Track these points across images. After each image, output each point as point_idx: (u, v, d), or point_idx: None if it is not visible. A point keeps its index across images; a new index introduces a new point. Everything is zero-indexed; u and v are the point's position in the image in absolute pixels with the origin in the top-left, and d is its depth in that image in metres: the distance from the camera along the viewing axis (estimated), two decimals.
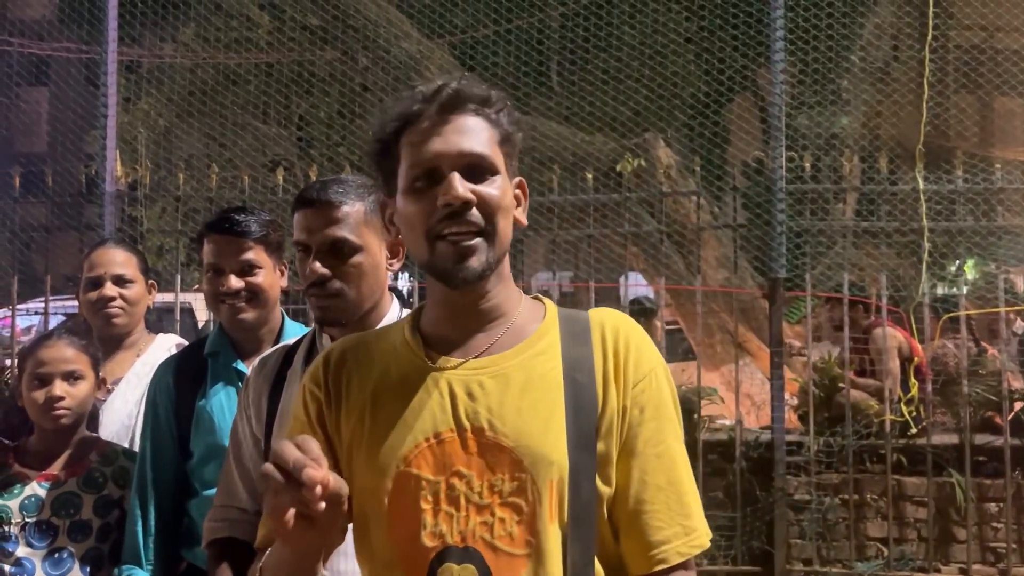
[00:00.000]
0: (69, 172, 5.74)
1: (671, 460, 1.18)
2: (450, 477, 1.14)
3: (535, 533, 1.12)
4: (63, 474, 2.07)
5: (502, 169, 1.20)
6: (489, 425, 1.15)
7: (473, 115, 1.19)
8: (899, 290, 5.34)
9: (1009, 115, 7.47)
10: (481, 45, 6.79)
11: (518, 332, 1.22)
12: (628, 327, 1.23)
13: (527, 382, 1.17)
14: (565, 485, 1.13)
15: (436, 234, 1.15)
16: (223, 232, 2.03)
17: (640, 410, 1.18)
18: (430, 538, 1.13)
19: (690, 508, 1.18)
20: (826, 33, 5.71)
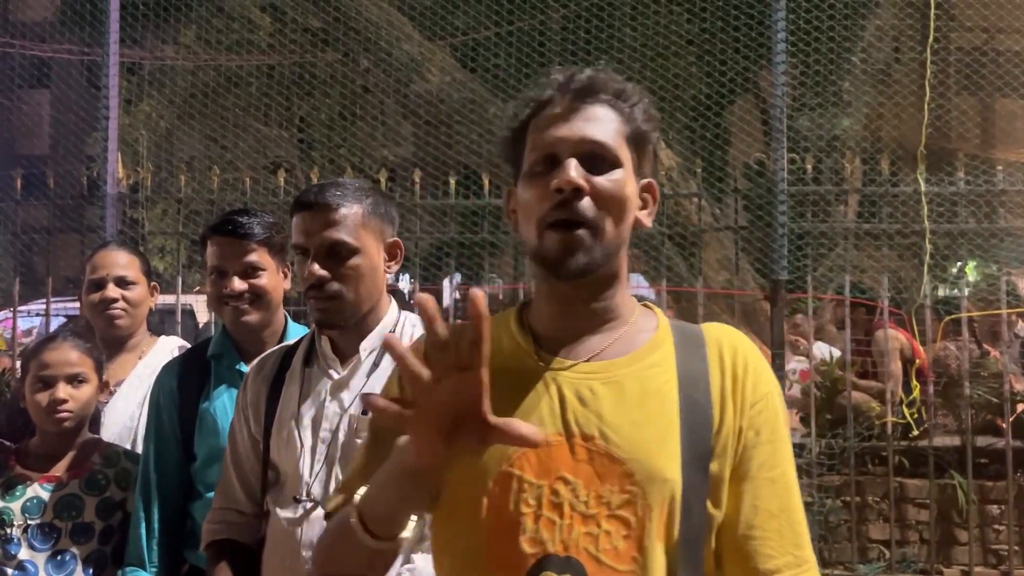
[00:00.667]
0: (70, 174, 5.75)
1: (785, 486, 1.14)
2: (554, 482, 1.09)
3: (642, 550, 1.07)
4: (65, 476, 2.07)
5: (626, 164, 1.14)
6: (600, 433, 1.10)
7: (604, 106, 1.14)
8: (901, 292, 5.33)
9: (1011, 117, 7.47)
10: (482, 47, 6.79)
11: (631, 340, 1.17)
12: (746, 346, 1.18)
13: (642, 394, 1.12)
14: (677, 505, 1.09)
15: (547, 222, 1.11)
16: (226, 234, 2.04)
17: (756, 432, 1.13)
18: (530, 543, 1.08)
19: (803, 538, 1.13)
20: (827, 35, 5.71)
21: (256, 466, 1.79)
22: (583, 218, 1.10)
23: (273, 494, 1.75)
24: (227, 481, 1.83)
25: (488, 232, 5.21)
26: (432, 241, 5.56)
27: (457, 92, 7.14)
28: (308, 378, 1.78)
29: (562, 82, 1.15)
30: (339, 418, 1.71)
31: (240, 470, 1.82)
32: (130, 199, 5.42)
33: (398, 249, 1.81)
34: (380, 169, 5.79)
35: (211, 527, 1.82)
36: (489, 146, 6.35)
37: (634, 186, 1.16)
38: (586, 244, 1.11)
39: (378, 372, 1.74)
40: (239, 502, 1.81)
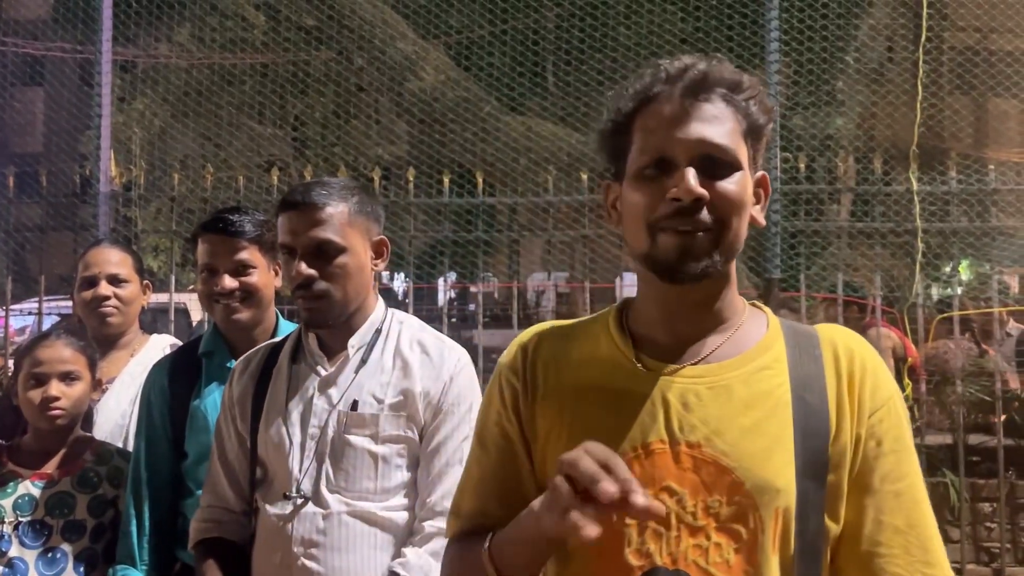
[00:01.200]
0: (63, 172, 5.73)
1: (912, 500, 1.06)
2: (659, 492, 1.04)
3: (755, 564, 1.02)
4: (57, 474, 2.07)
5: (745, 164, 1.08)
6: (707, 440, 1.04)
7: (720, 101, 1.07)
8: (893, 291, 5.35)
9: (1003, 116, 7.50)
10: (477, 46, 6.79)
11: (739, 342, 1.11)
12: (864, 349, 1.11)
13: (751, 398, 1.06)
14: (792, 516, 1.02)
15: (660, 227, 1.05)
16: (217, 232, 2.04)
17: (877, 442, 1.06)
18: (635, 556, 1.04)
19: (934, 555, 1.05)
20: (820, 34, 5.72)
21: (244, 463, 1.80)
22: (703, 227, 1.05)
23: (262, 491, 1.75)
24: (214, 479, 1.84)
25: (482, 231, 5.22)
26: (426, 240, 5.56)
27: (451, 91, 7.14)
28: (295, 375, 1.78)
29: (673, 75, 1.07)
30: (327, 414, 1.72)
31: (228, 468, 1.82)
32: (123, 197, 5.41)
33: (384, 247, 1.82)
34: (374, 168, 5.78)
35: (199, 526, 1.83)
36: (483, 144, 6.36)
37: (751, 184, 1.10)
38: (706, 248, 1.05)
39: (366, 368, 1.75)
40: (227, 500, 1.81)
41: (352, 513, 1.67)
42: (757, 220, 1.13)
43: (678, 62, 1.08)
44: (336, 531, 1.65)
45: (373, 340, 1.78)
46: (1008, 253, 5.23)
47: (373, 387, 1.72)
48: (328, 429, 1.71)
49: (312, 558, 1.65)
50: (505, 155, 6.27)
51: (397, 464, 1.70)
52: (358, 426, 1.70)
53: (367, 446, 1.69)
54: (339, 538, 1.65)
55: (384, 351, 1.77)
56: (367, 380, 1.73)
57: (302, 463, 1.70)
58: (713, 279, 1.09)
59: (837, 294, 4.83)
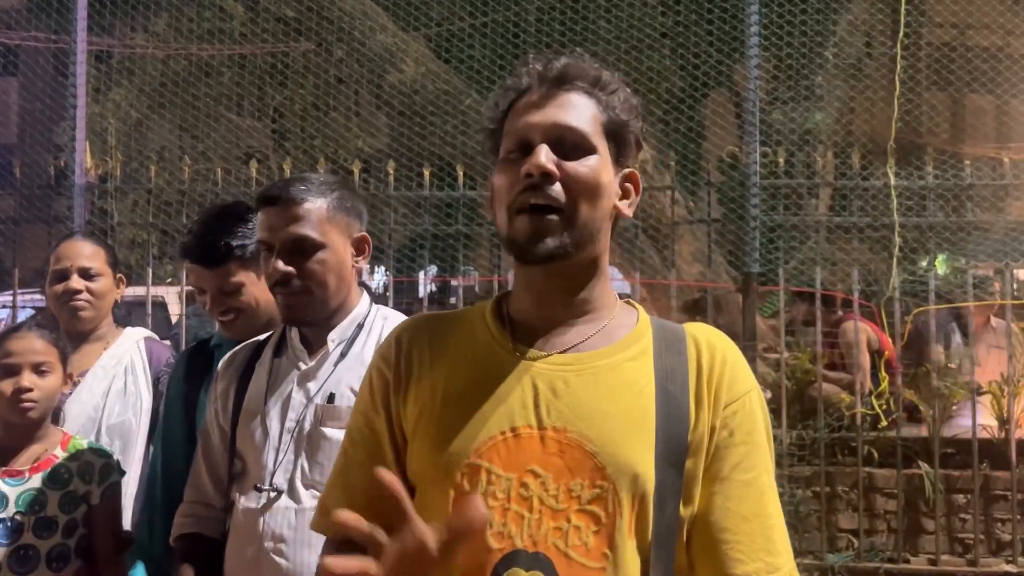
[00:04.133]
0: (38, 163, 5.65)
1: (759, 490, 1.10)
2: (524, 475, 1.06)
3: (613, 547, 1.04)
4: (28, 470, 2.04)
5: (602, 152, 1.12)
6: (572, 425, 1.07)
7: (580, 93, 1.13)
8: (870, 284, 5.40)
9: (979, 112, 7.57)
10: (457, 38, 6.76)
11: (610, 333, 1.14)
12: (724, 345, 1.16)
13: (617, 386, 1.10)
14: (649, 501, 1.06)
15: (517, 207, 1.10)
16: (197, 261, 2.02)
17: (730, 433, 1.10)
18: (497, 539, 1.05)
19: (775, 544, 1.09)
20: (800, 29, 5.75)
21: (225, 458, 1.78)
22: (554, 202, 1.09)
23: (238, 483, 1.74)
24: (197, 474, 1.82)
25: (463, 224, 5.20)
26: (407, 233, 5.54)
27: (432, 83, 7.11)
28: (276, 369, 1.77)
29: (539, 70, 1.14)
30: (304, 407, 1.71)
31: (210, 462, 1.81)
32: (99, 189, 5.35)
33: (366, 244, 1.80)
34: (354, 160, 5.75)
35: (180, 520, 1.82)
36: (464, 137, 6.34)
37: (611, 174, 1.14)
38: (556, 229, 1.09)
39: (345, 362, 1.74)
40: (208, 495, 1.80)
41: None
42: (623, 212, 1.17)
43: (545, 58, 1.15)
44: (307, 526, 1.64)
45: (355, 334, 1.77)
46: (983, 247, 5.29)
47: (351, 380, 1.71)
48: (305, 422, 1.70)
49: (281, 553, 1.64)
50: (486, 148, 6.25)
51: None
52: (334, 419, 1.68)
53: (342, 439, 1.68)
54: (310, 534, 1.64)
55: (365, 345, 1.76)
56: (345, 373, 1.72)
57: (277, 456, 1.69)
58: (576, 265, 1.12)
59: (815, 288, 4.87)
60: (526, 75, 1.15)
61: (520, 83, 1.15)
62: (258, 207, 1.75)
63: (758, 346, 4.93)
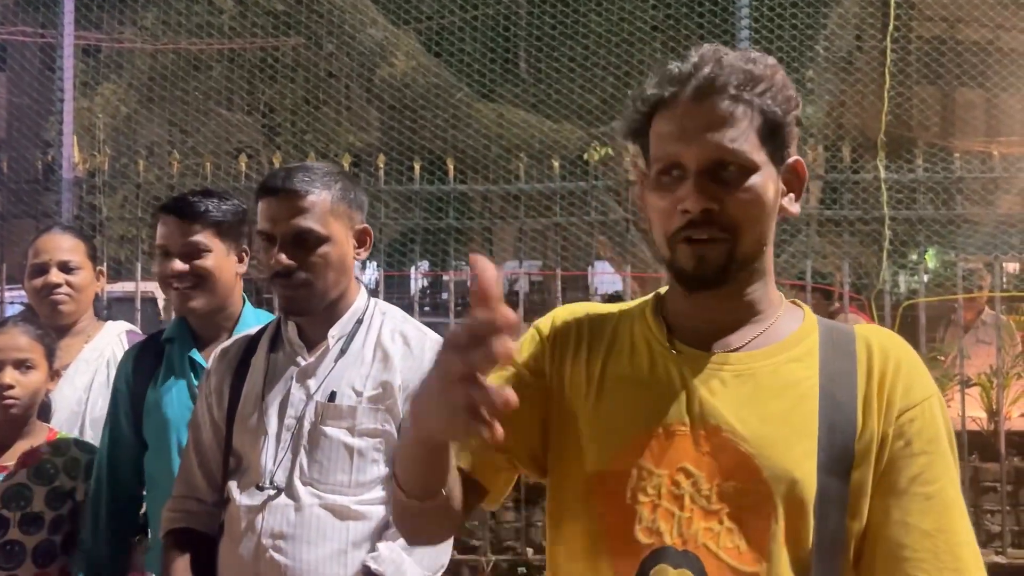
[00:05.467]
0: (26, 158, 5.61)
1: (943, 504, 1.02)
2: (675, 473, 1.04)
3: (767, 554, 1.00)
4: (13, 465, 2.03)
5: (761, 162, 1.05)
6: (728, 426, 1.04)
7: (731, 101, 1.04)
8: (861, 277, 5.41)
9: (969, 106, 7.59)
10: (448, 32, 6.75)
11: (772, 334, 1.10)
12: (900, 349, 1.08)
13: (777, 387, 1.05)
14: (809, 509, 1.00)
15: (677, 239, 1.06)
16: (171, 213, 1.99)
17: (906, 443, 1.03)
18: (645, 534, 1.03)
19: (964, 562, 1.01)
20: (790, 23, 5.75)
21: (218, 453, 1.76)
22: (717, 237, 1.04)
23: (234, 480, 1.72)
24: (188, 468, 1.80)
25: (454, 218, 5.20)
26: (398, 228, 5.53)
27: (423, 78, 7.09)
28: (273, 364, 1.75)
29: (683, 77, 1.06)
30: (304, 405, 1.69)
31: (202, 457, 1.79)
32: (87, 184, 5.32)
33: (367, 236, 1.78)
34: (345, 155, 5.73)
35: (169, 515, 1.79)
36: (455, 132, 6.33)
37: (773, 181, 1.08)
38: (721, 259, 1.05)
39: (345, 359, 1.71)
40: (199, 490, 1.78)
41: (324, 506, 1.63)
42: (788, 211, 1.11)
43: (688, 61, 1.07)
44: (306, 524, 1.62)
45: (354, 330, 1.74)
46: (973, 241, 5.31)
47: (352, 378, 1.69)
48: (304, 420, 1.67)
49: (280, 551, 1.62)
50: (477, 142, 6.25)
51: (374, 458, 1.67)
52: (335, 417, 1.66)
53: (343, 438, 1.65)
54: (309, 531, 1.63)
55: (365, 342, 1.73)
56: (346, 371, 1.70)
57: (276, 454, 1.67)
58: (742, 276, 1.08)
59: (806, 281, 4.88)
60: (668, 82, 1.07)
61: (661, 92, 1.07)
62: (259, 196, 1.71)
63: None
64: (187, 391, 1.98)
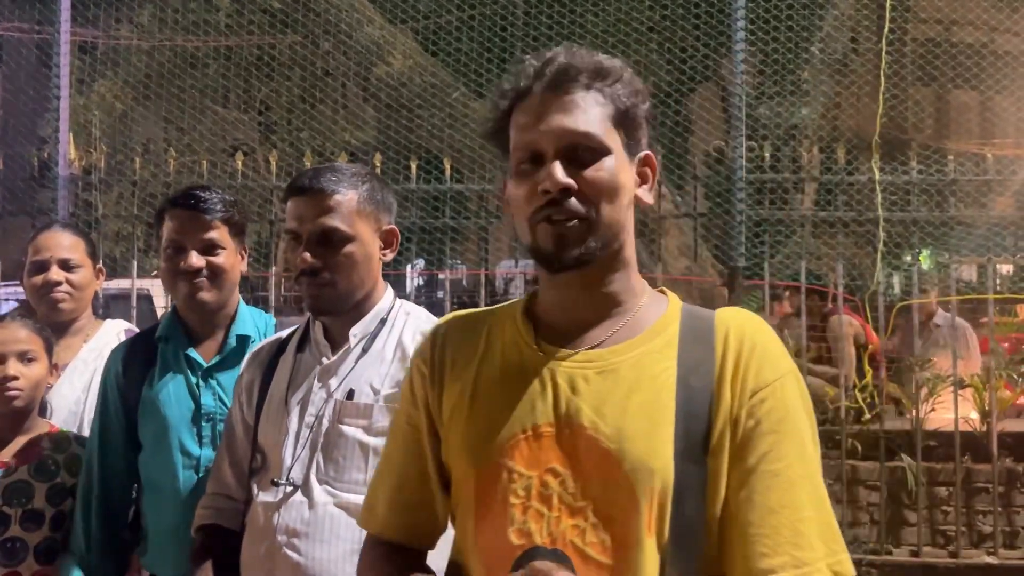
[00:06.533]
0: (21, 155, 5.60)
1: (788, 481, 1.04)
2: (544, 474, 1.07)
3: (629, 545, 1.03)
4: (14, 461, 2.03)
5: (615, 148, 1.10)
6: (591, 423, 1.07)
7: (583, 91, 1.10)
8: (855, 279, 5.43)
9: (963, 108, 7.62)
10: (445, 31, 6.75)
11: (634, 327, 1.12)
12: (756, 329, 1.11)
13: (637, 381, 1.08)
14: (668, 498, 1.04)
15: (537, 220, 1.09)
16: (187, 208, 1.96)
17: (756, 422, 1.06)
18: (517, 535, 1.06)
19: (805, 538, 1.02)
20: (786, 24, 5.77)
21: (248, 451, 1.78)
22: (575, 215, 1.08)
23: (257, 478, 1.74)
24: (219, 467, 1.82)
25: (450, 217, 5.20)
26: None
27: (419, 76, 7.09)
28: (299, 363, 1.76)
29: (538, 70, 1.11)
30: (325, 403, 1.69)
31: (233, 455, 1.80)
32: (83, 182, 5.31)
33: (394, 237, 1.78)
34: (341, 153, 5.73)
35: (201, 512, 1.81)
36: (451, 131, 6.33)
37: (627, 168, 1.12)
38: (580, 234, 1.08)
39: (366, 358, 1.72)
40: (229, 487, 1.80)
41: (338, 504, 1.63)
42: (643, 200, 1.15)
43: (541, 56, 1.12)
44: (320, 522, 1.63)
45: (377, 330, 1.74)
46: (966, 243, 5.33)
47: (371, 377, 1.69)
48: (323, 418, 1.68)
49: (294, 548, 1.62)
50: (473, 141, 6.24)
51: None
52: (352, 416, 1.67)
53: (359, 437, 1.66)
54: (323, 529, 1.63)
55: (387, 341, 1.74)
56: (366, 370, 1.70)
57: (295, 451, 1.68)
58: (601, 263, 1.11)
59: (800, 282, 4.90)
60: (523, 76, 1.12)
61: (518, 84, 1.12)
62: (287, 195, 1.72)
63: None
64: (185, 390, 1.96)
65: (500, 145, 1.16)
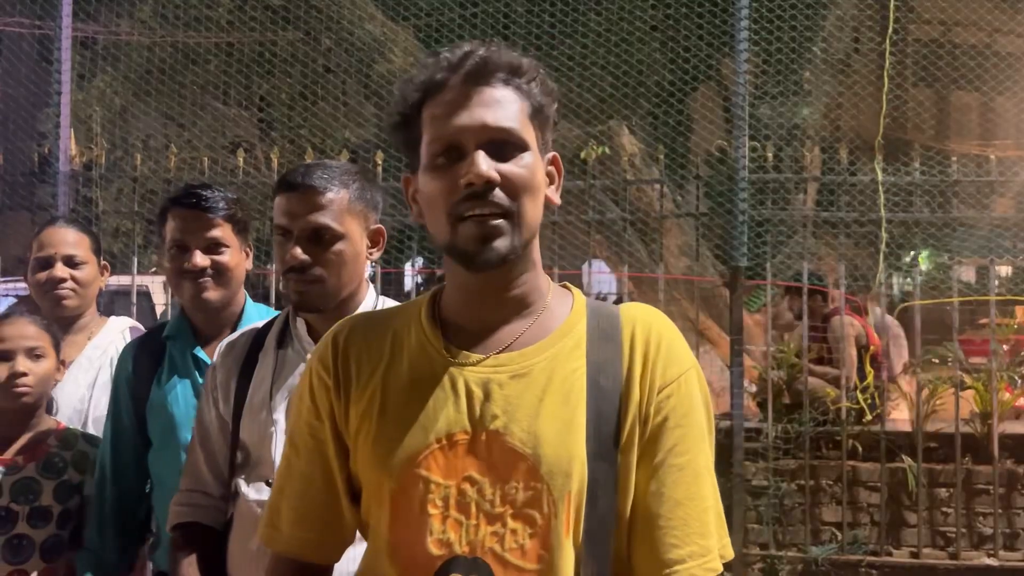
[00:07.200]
0: (21, 151, 5.58)
1: (694, 473, 1.07)
2: (461, 482, 1.05)
3: (549, 548, 1.03)
4: (21, 459, 2.02)
5: (532, 145, 1.09)
6: (505, 428, 1.05)
7: (502, 85, 1.08)
8: (857, 279, 5.43)
9: (965, 109, 7.62)
10: (446, 29, 6.73)
11: (543, 327, 1.11)
12: (661, 326, 1.12)
13: (548, 383, 1.08)
14: (583, 498, 1.04)
15: (458, 215, 1.05)
16: (190, 207, 1.95)
17: (664, 418, 1.07)
18: (436, 546, 1.04)
19: (708, 527, 1.07)
20: (789, 24, 5.76)
21: (224, 448, 1.76)
22: (502, 208, 1.05)
23: (243, 474, 1.72)
24: (194, 462, 1.79)
25: None
26: (394, 224, 5.52)
27: None
28: (282, 360, 1.74)
29: (454, 63, 1.08)
30: None
31: (208, 451, 1.78)
32: (83, 177, 5.29)
33: (381, 236, 1.77)
34: (342, 151, 5.72)
35: (177, 509, 1.79)
36: None
37: (541, 166, 1.11)
38: (504, 232, 1.05)
39: None
40: (207, 484, 1.77)
41: None
42: (552, 200, 1.14)
43: (459, 50, 1.09)
44: None
45: None
46: (968, 244, 5.33)
47: None
48: None
49: None
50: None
51: None
52: None
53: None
54: None
55: None
56: None
57: None
58: (515, 263, 1.09)
59: (802, 282, 4.89)
60: (439, 68, 1.08)
61: (433, 77, 1.08)
62: (277, 191, 1.71)
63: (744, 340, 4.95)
64: (192, 389, 1.96)
65: (406, 139, 1.12)
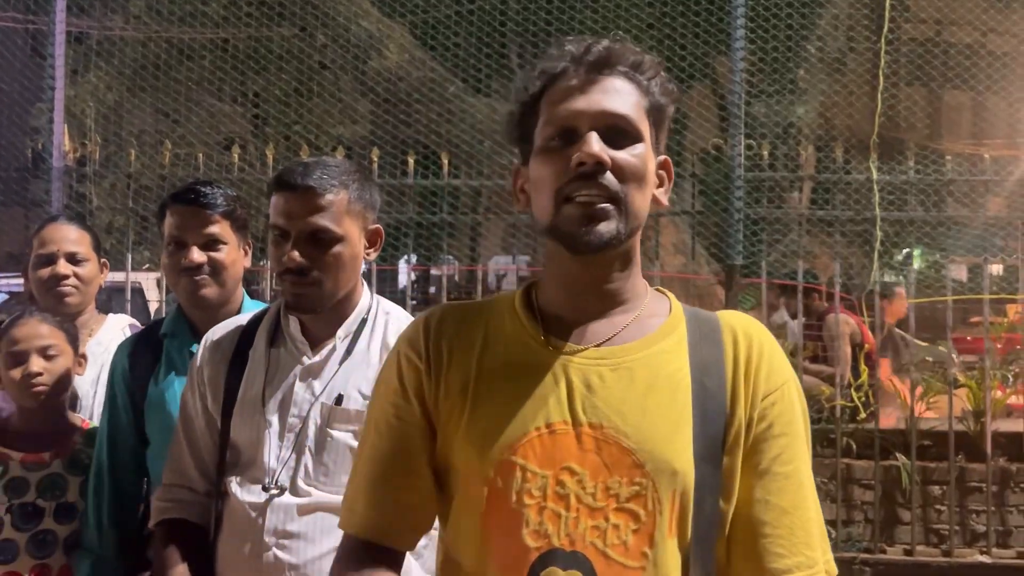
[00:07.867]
0: (14, 146, 5.55)
1: (798, 483, 1.08)
2: (560, 473, 1.04)
3: (652, 545, 1.02)
4: (48, 456, 2.03)
5: (646, 139, 1.09)
6: (609, 422, 1.05)
7: (623, 78, 1.09)
8: (851, 278, 5.44)
9: (959, 108, 7.65)
10: (442, 26, 6.72)
11: (642, 324, 1.11)
12: (761, 334, 1.13)
13: (653, 380, 1.07)
14: (689, 498, 1.04)
15: (565, 196, 1.06)
16: (188, 203, 1.94)
17: (768, 425, 1.08)
18: (533, 537, 1.03)
19: (813, 538, 1.07)
20: (784, 23, 5.77)
21: (211, 445, 1.73)
22: (609, 192, 1.05)
23: (234, 475, 1.69)
24: (178, 457, 1.77)
25: (447, 213, 5.18)
26: (389, 221, 5.50)
27: (416, 71, 7.07)
28: (275, 359, 1.72)
29: (577, 54, 1.09)
30: (309, 405, 1.66)
31: (193, 447, 1.75)
32: (77, 173, 5.26)
33: (378, 236, 1.76)
34: (336, 147, 5.71)
35: (160, 505, 1.76)
36: (448, 125, 6.31)
37: (653, 162, 1.12)
38: (610, 216, 1.05)
39: (351, 360, 1.69)
40: (191, 479, 1.75)
41: (329, 506, 1.60)
42: (660, 201, 1.14)
43: (583, 41, 1.10)
44: (311, 524, 1.61)
45: (358, 330, 1.72)
46: (962, 243, 5.35)
47: (359, 381, 1.67)
48: (310, 421, 1.65)
49: (285, 549, 1.60)
50: (469, 136, 6.22)
51: None
52: (343, 421, 1.65)
53: (349, 441, 1.64)
54: (314, 531, 1.61)
55: (371, 343, 1.71)
56: (352, 373, 1.68)
57: (280, 453, 1.65)
58: (616, 253, 1.09)
59: (797, 280, 4.90)
60: (562, 58, 1.10)
61: (555, 67, 1.10)
62: (274, 190, 1.68)
63: None
64: None
65: (522, 130, 1.13)
